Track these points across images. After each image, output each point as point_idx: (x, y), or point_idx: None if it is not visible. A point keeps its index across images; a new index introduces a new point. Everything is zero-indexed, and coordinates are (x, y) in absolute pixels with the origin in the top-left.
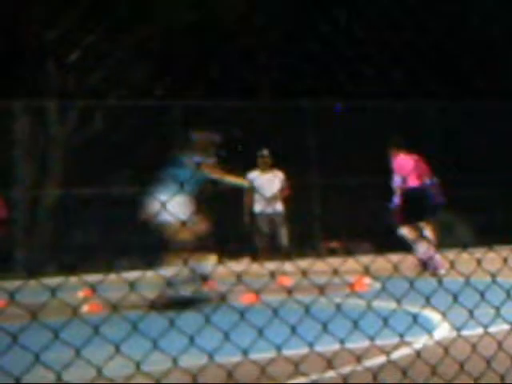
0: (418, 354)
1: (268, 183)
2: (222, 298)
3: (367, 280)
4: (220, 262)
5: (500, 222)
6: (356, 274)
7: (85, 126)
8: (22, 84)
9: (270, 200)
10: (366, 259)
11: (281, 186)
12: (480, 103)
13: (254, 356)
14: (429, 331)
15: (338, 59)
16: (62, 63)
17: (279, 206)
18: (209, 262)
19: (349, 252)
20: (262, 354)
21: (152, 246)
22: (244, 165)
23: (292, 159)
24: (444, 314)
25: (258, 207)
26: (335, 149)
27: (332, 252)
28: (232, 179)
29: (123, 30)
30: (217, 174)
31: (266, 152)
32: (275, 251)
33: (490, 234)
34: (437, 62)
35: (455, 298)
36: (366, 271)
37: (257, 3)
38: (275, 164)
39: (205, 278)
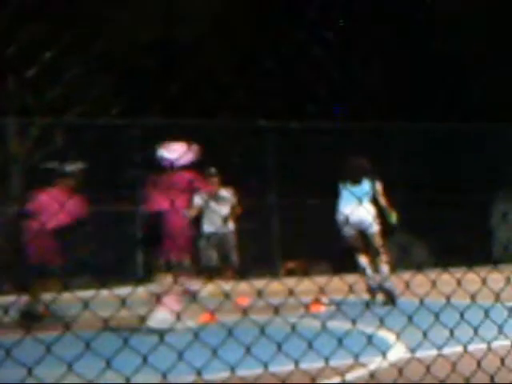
0: (372, 375)
1: (217, 203)
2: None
3: (324, 300)
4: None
5: (455, 244)
6: (313, 294)
7: (45, 143)
8: None
9: (220, 220)
10: (322, 280)
11: (231, 205)
12: (441, 125)
13: (208, 376)
14: (383, 352)
15: (298, 79)
16: (20, 79)
17: (230, 226)
18: None
19: (307, 273)
20: (216, 374)
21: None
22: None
23: (252, 178)
24: (398, 335)
25: (207, 228)
26: (295, 169)
27: (290, 272)
28: (384, 203)
29: (81, 46)
30: (380, 191)
31: (213, 170)
32: (225, 271)
33: (446, 255)
34: (395, 85)
35: (410, 319)
36: (322, 292)
37: (217, 22)
38: (227, 182)
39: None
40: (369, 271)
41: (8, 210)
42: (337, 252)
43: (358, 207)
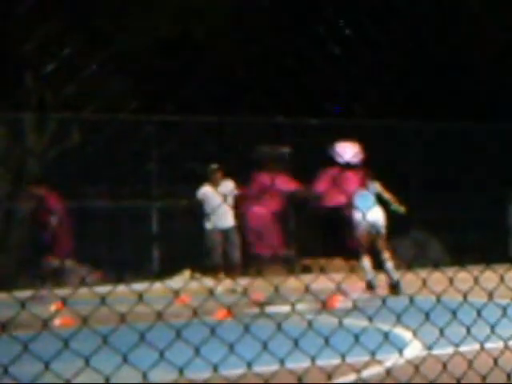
0: (389, 372)
1: (219, 197)
2: (194, 312)
3: (339, 297)
4: (193, 277)
5: (472, 242)
6: (328, 291)
7: (61, 139)
8: None
9: (222, 215)
10: (338, 277)
11: (233, 198)
12: (455, 124)
13: (224, 372)
14: (400, 349)
15: (316, 76)
16: (38, 75)
17: (230, 221)
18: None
19: (322, 269)
20: (233, 370)
21: None
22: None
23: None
24: (415, 333)
25: (209, 223)
26: (310, 165)
27: (306, 269)
28: (391, 199)
29: (100, 43)
30: (381, 189)
31: (215, 166)
32: (228, 267)
33: (463, 253)
34: (411, 83)
35: (426, 316)
36: (338, 288)
37: (233, 19)
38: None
39: None
40: (368, 268)
41: (24, 204)
42: (352, 249)
43: (374, 209)
